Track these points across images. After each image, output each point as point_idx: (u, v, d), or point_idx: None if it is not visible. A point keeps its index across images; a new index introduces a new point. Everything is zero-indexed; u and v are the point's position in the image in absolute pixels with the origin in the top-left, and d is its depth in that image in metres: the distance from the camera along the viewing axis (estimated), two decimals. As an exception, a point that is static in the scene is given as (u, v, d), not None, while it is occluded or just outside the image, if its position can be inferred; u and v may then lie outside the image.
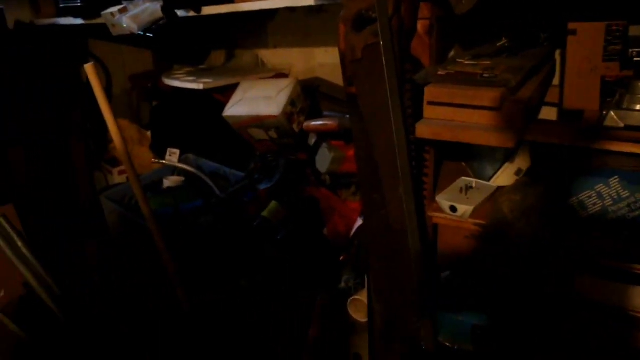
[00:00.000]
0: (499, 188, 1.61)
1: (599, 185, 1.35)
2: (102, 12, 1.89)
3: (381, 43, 1.16)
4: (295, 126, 1.90)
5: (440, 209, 1.55)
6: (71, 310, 1.75)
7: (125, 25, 1.77)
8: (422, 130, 1.28)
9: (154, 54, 2.91)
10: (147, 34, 1.75)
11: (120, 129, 2.43)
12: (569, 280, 1.55)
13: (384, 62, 1.16)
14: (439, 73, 1.27)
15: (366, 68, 1.29)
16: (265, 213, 1.79)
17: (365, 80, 1.30)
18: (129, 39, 2.11)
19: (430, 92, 1.27)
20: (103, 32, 1.99)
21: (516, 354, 1.49)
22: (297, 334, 1.62)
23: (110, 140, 2.47)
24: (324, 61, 2.33)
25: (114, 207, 1.97)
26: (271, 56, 2.52)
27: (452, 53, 1.76)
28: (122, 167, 2.42)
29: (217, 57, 2.76)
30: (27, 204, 1.92)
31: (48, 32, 2.34)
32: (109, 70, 2.71)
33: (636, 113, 1.25)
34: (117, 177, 2.44)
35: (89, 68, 1.39)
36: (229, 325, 1.65)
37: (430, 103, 1.28)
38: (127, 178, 2.39)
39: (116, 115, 2.56)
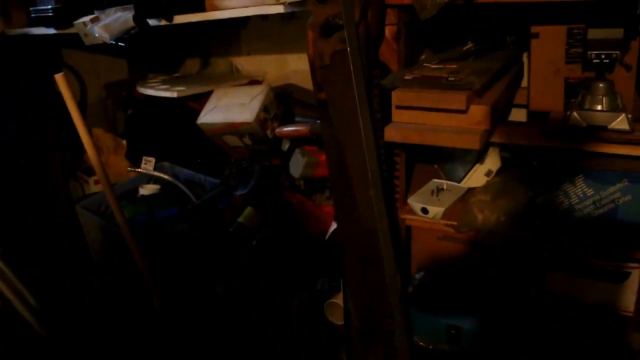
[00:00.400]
0: (470, 189, 1.63)
1: (565, 185, 1.38)
2: (74, 22, 1.89)
3: (348, 49, 1.18)
4: (268, 132, 1.91)
5: (412, 211, 1.57)
6: (49, 322, 1.74)
7: (97, 35, 1.77)
8: (391, 134, 1.30)
9: (128, 63, 2.91)
10: (119, 43, 1.75)
11: (94, 138, 2.45)
12: (540, 278, 1.58)
13: (352, 68, 1.18)
14: (406, 77, 1.29)
15: (335, 74, 1.31)
16: (240, 219, 1.80)
17: (334, 86, 1.32)
18: (104, 48, 2.11)
19: (397, 96, 1.29)
20: (77, 41, 1.99)
21: (498, 354, 1.52)
22: (274, 337, 1.63)
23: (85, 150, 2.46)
24: (297, 67, 2.34)
25: (90, 216, 1.97)
26: (245, 63, 2.53)
27: (422, 57, 1.79)
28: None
29: (192, 65, 2.77)
30: (3, 213, 1.91)
31: (20, 42, 2.33)
32: (83, 80, 2.70)
33: (597, 113, 1.29)
34: (93, 187, 2.43)
35: (58, 78, 1.39)
36: (204, 329, 1.65)
37: (398, 107, 1.30)
38: (103, 187, 2.39)
39: (91, 124, 2.59)
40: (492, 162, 1.64)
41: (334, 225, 1.81)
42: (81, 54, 2.64)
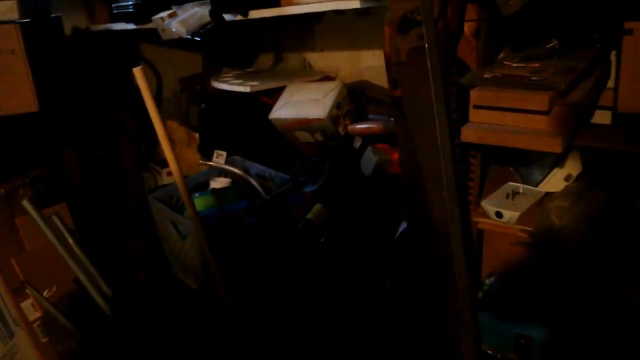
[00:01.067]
0: (548, 194, 1.57)
1: (652, 192, 1.30)
2: (153, 17, 1.94)
3: (426, 46, 1.14)
4: (341, 129, 1.90)
5: (485, 214, 1.52)
6: (120, 309, 1.80)
7: (174, 30, 1.81)
8: (468, 134, 1.26)
9: (203, 57, 2.97)
10: (195, 38, 1.79)
11: (168, 130, 2.51)
12: (616, 288, 1.50)
13: (429, 64, 1.14)
14: (485, 76, 1.24)
15: (411, 71, 1.28)
16: (309, 215, 1.80)
17: (410, 83, 1.29)
18: (179, 43, 2.16)
19: (476, 95, 1.25)
20: (154, 36, 2.05)
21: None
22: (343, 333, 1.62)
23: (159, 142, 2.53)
24: (371, 64, 2.32)
25: (161, 207, 2.02)
26: (318, 59, 2.53)
27: (501, 55, 1.73)
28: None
29: (265, 60, 2.79)
30: (80, 203, 1.98)
31: (102, 37, 2.42)
32: (159, 73, 2.78)
33: (693, 117, 1.20)
34: (165, 178, 2.49)
35: (137, 72, 1.42)
36: (272, 324, 1.66)
37: (476, 107, 1.26)
38: (176, 179, 2.45)
39: (166, 117, 2.66)
40: (572, 166, 1.57)
41: (403, 225, 1.78)
42: (158, 49, 2.72)
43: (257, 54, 2.81)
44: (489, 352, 1.55)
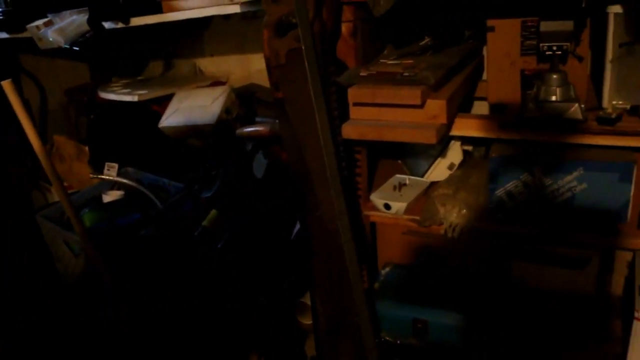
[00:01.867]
0: (433, 183, 1.64)
1: (523, 175, 1.40)
2: (27, 26, 1.85)
3: (303, 47, 1.17)
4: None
5: (375, 207, 1.58)
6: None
7: (51, 39, 1.73)
8: (348, 131, 1.30)
9: (90, 67, 2.86)
10: (74, 47, 1.72)
11: (56, 145, 2.41)
12: (505, 268, 1.60)
13: (307, 65, 1.17)
14: (362, 74, 1.29)
15: (291, 72, 1.31)
16: (205, 222, 1.78)
17: (291, 85, 1.32)
18: (64, 52, 2.07)
19: (353, 93, 1.29)
20: (34, 45, 1.94)
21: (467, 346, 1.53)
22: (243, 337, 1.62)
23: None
24: (260, 67, 2.30)
25: (51, 225, 1.93)
26: (208, 64, 2.51)
27: (385, 53, 1.79)
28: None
29: (155, 68, 2.74)
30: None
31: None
32: (42, 85, 2.65)
33: (552, 104, 1.30)
34: (56, 195, 2.38)
35: (5, 85, 1.35)
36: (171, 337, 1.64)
37: (356, 104, 1.30)
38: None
39: (53, 131, 2.55)
40: (454, 155, 1.66)
41: (298, 225, 1.81)
42: (40, 59, 2.58)
43: (147, 61, 2.75)
44: (389, 339, 1.61)
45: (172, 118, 1.96)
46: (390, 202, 1.52)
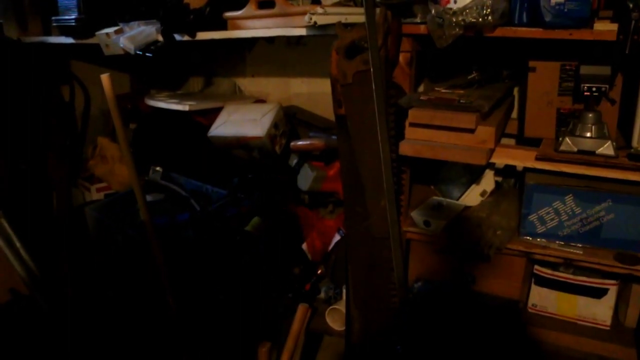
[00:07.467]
0: (467, 207, 1.77)
1: (555, 202, 1.53)
2: (97, 33, 1.99)
3: (371, 70, 1.31)
4: (277, 148, 2.03)
5: (413, 224, 1.70)
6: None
7: (122, 45, 1.87)
8: (406, 149, 1.44)
9: (131, 78, 2.99)
10: (147, 54, 1.85)
11: (100, 146, 2.53)
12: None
13: (374, 86, 1.31)
14: (422, 98, 1.43)
15: (355, 92, 1.44)
16: (248, 227, 1.90)
17: (355, 103, 1.45)
18: (108, 62, 2.20)
19: (413, 115, 1.43)
20: (84, 53, 2.05)
21: None
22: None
23: (87, 158, 2.54)
24: (299, 91, 2.47)
25: (99, 217, 2.03)
26: (248, 84, 2.65)
27: (421, 86, 1.95)
28: (101, 185, 2.49)
29: (195, 84, 2.87)
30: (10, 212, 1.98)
31: (32, 51, 2.41)
32: (88, 91, 2.77)
33: (586, 139, 1.43)
34: (95, 195, 2.49)
35: (104, 78, 1.48)
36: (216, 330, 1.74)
37: (412, 124, 1.44)
38: (105, 195, 2.47)
39: (96, 134, 2.67)
40: (487, 183, 1.79)
41: (336, 237, 1.92)
42: (86, 66, 2.72)
43: (187, 77, 2.89)
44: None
45: (221, 128, 2.08)
46: (430, 219, 1.65)
